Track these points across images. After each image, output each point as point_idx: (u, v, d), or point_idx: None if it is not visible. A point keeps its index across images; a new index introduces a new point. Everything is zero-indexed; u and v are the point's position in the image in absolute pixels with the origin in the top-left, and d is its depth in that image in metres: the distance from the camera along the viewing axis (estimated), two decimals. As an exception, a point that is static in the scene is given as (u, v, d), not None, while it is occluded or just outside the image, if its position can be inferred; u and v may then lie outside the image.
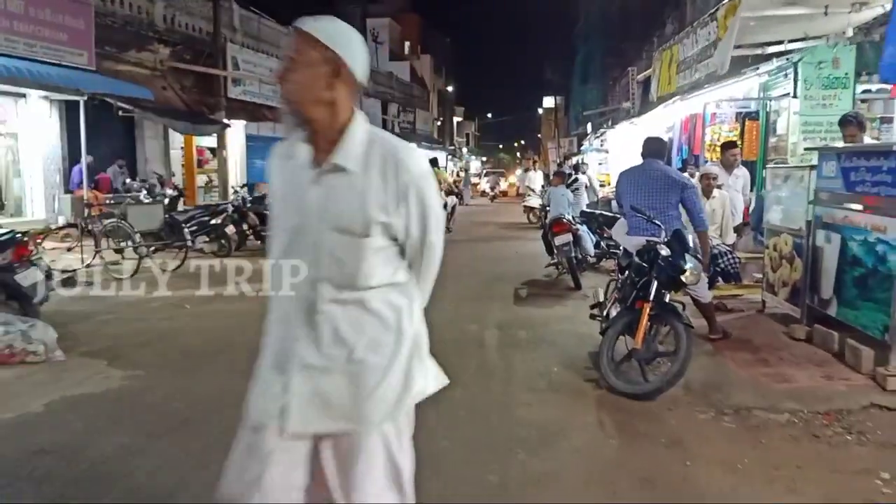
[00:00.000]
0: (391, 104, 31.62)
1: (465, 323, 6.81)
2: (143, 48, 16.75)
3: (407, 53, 46.22)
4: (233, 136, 19.97)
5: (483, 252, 12.93)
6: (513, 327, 6.66)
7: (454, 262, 11.27)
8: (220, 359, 5.44)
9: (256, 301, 7.69)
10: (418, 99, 39.61)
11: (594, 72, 39.80)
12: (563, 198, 9.28)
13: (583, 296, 8.38)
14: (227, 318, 6.84)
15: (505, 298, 8.22)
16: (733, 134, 11.70)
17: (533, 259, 11.61)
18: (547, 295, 8.47)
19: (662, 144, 5.89)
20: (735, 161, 7.95)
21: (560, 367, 5.35)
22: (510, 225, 19.42)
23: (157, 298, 7.77)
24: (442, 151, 38.69)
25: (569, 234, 8.70)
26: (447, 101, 51.90)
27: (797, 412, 4.36)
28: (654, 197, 5.31)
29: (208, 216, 11.21)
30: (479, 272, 10.18)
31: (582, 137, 37.70)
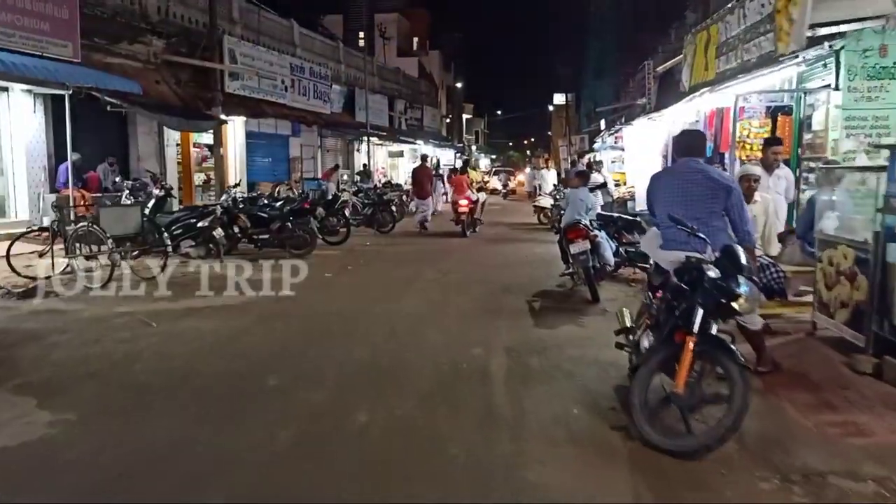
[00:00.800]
0: (398, 100, 30.72)
1: (469, 345, 5.89)
2: (136, 40, 15.93)
3: (415, 49, 45.30)
4: (232, 132, 19.16)
5: (493, 256, 12.00)
6: (523, 352, 5.73)
7: (462, 269, 10.35)
8: (175, 397, 4.55)
9: (235, 316, 6.83)
10: (426, 95, 38.68)
11: (606, 68, 38.74)
12: (581, 202, 8.34)
13: (601, 310, 7.46)
14: (196, 340, 5.96)
15: (515, 314, 7.30)
16: (764, 130, 10.71)
17: (546, 265, 10.67)
18: (561, 309, 7.54)
19: (701, 139, 4.92)
20: (777, 160, 6.98)
21: (581, 408, 4.42)
22: (521, 226, 18.46)
23: (124, 313, 6.90)
24: (450, 149, 37.76)
25: (586, 242, 7.76)
26: (456, 98, 50.94)
27: (884, 480, 3.42)
28: (694, 204, 4.36)
29: (195, 218, 10.36)
30: (488, 280, 9.26)
31: (594, 135, 36.64)
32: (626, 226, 9.71)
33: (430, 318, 6.96)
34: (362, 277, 9.58)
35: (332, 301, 7.82)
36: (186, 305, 7.35)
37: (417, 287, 8.77)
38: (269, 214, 11.27)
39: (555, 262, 10.71)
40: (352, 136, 25.53)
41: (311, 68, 21.62)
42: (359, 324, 6.66)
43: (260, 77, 18.42)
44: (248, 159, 19.91)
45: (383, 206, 15.67)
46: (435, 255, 12.13)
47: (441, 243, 14.14)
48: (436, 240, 14.81)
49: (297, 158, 22.58)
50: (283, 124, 21.51)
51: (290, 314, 7.04)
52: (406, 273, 9.93)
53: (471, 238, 15.10)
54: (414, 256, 11.94)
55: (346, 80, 26.29)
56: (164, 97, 15.99)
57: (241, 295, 7.95)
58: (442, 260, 11.32)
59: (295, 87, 20.54)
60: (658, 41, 23.15)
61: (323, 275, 9.62)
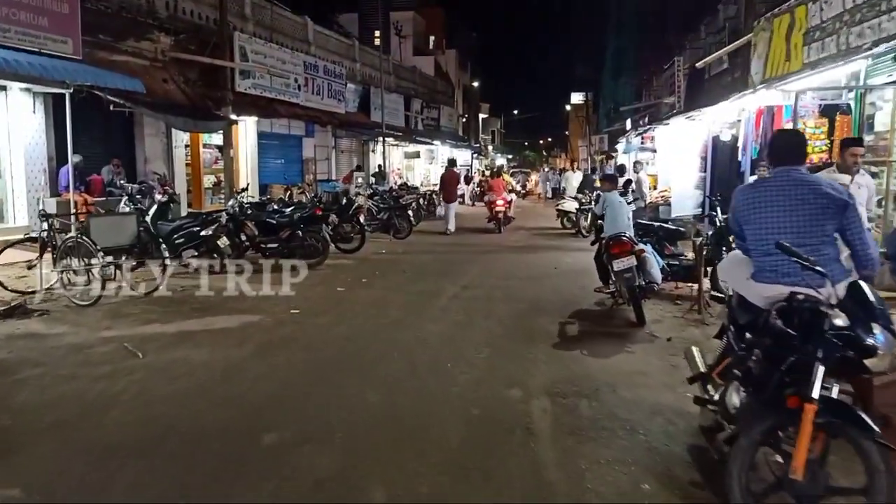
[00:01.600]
0: (414, 99, 29.82)
1: (503, 385, 4.98)
2: (143, 37, 15.17)
3: (431, 48, 44.40)
4: (243, 133, 18.40)
5: (518, 267, 11.06)
6: (569, 394, 4.81)
7: (485, 282, 9.42)
8: (149, 463, 3.67)
9: (233, 344, 5.95)
10: (443, 95, 37.76)
11: (627, 66, 37.65)
12: (623, 207, 7.40)
13: (649, 336, 6.52)
14: (184, 377, 5.09)
15: (551, 340, 6.37)
16: (821, 130, 9.70)
17: (577, 277, 9.73)
18: (603, 334, 6.60)
19: (800, 143, 3.90)
20: (857, 164, 6.00)
21: (653, 482, 3.50)
22: (543, 231, 17.49)
23: (109, 339, 6.07)
24: (467, 149, 36.82)
25: (632, 258, 6.81)
26: (472, 98, 49.98)
27: None
28: (802, 226, 3.40)
29: (198, 226, 9.53)
30: (515, 297, 8.33)
31: (616, 135, 35.56)
32: (668, 236, 8.74)
33: (455, 346, 6.05)
34: (377, 292, 8.69)
35: (344, 323, 6.93)
36: (180, 328, 6.50)
37: (438, 305, 7.86)
38: (277, 221, 10.42)
39: (587, 273, 9.78)
40: (367, 136, 24.68)
41: (325, 66, 20.78)
42: (373, 355, 5.76)
43: (272, 75, 17.60)
44: (259, 161, 19.12)
45: (399, 211, 14.80)
46: (455, 265, 11.22)
47: (460, 250, 13.25)
48: (455, 247, 13.91)
49: (311, 160, 21.76)
50: (297, 125, 20.70)
51: (295, 341, 6.16)
52: (425, 287, 9.03)
53: (495, 243, 14.20)
54: (433, 267, 11.04)
55: (361, 79, 25.45)
56: (171, 96, 15.22)
57: (242, 315, 7.09)
58: (463, 271, 10.40)
59: (308, 86, 19.71)
60: (685, 38, 22.10)
61: (335, 289, 8.76)
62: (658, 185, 14.05)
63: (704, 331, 6.74)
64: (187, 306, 7.53)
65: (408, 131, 28.05)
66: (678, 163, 12.44)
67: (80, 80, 11.15)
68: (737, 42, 11.73)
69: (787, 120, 9.73)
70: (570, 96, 62.26)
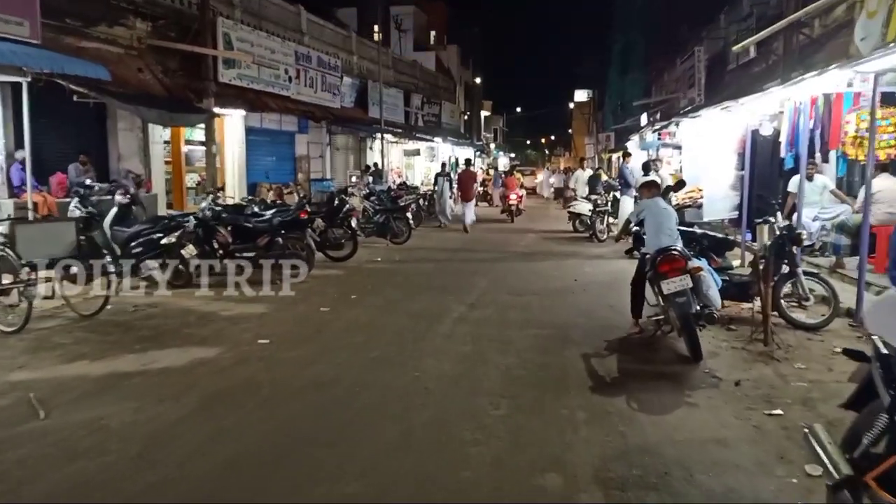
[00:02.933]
0: (414, 95, 28.33)
1: (532, 467, 3.53)
2: (116, 22, 13.74)
3: (433, 43, 42.94)
4: (230, 128, 16.97)
5: (531, 278, 9.60)
6: (628, 481, 3.36)
7: (496, 298, 7.94)
8: None
9: (170, 396, 4.44)
10: (444, 90, 36.27)
11: (635, 62, 36.17)
12: (668, 214, 5.95)
13: (710, 377, 5.08)
14: (90, 453, 3.63)
15: (586, 384, 4.92)
16: (889, 122, 8.27)
17: (602, 292, 8.29)
18: (652, 375, 5.16)
19: None
20: None
21: None
22: (554, 234, 16.04)
23: (15, 385, 4.63)
24: (469, 147, 35.37)
25: (685, 278, 5.35)
26: (475, 95, 48.46)
27: None
28: None
29: (159, 232, 8.09)
30: (534, 320, 6.88)
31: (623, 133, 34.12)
32: (715, 245, 7.27)
33: (463, 396, 4.62)
34: (368, 313, 7.24)
35: (322, 360, 5.47)
36: (112, 368, 5.06)
37: (440, 332, 6.42)
38: (254, 226, 8.98)
39: (613, 287, 8.37)
40: (364, 133, 23.23)
41: (318, 57, 19.32)
42: (354, 414, 4.31)
43: (259, 66, 16.15)
44: (248, 158, 17.67)
45: (398, 213, 13.35)
46: (460, 276, 9.77)
47: (465, 257, 11.80)
48: (459, 253, 12.46)
49: (304, 157, 20.31)
50: (289, 120, 19.25)
51: (255, 389, 4.70)
52: (425, 306, 7.58)
53: (503, 249, 12.75)
54: (434, 279, 9.59)
55: (358, 73, 23.98)
56: (146, 87, 13.77)
57: (196, 347, 5.66)
58: (469, 284, 8.94)
59: (300, 78, 18.25)
60: (703, 29, 20.67)
61: (317, 309, 7.31)
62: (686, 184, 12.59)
63: (777, 369, 5.31)
64: (133, 334, 6.09)
65: (407, 128, 26.59)
66: (710, 160, 11.00)
67: (36, 67, 9.72)
68: (781, 22, 10.25)
69: (850, 110, 8.30)
70: (574, 94, 60.75)
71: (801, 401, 4.63)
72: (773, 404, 4.53)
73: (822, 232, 9.68)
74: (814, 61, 10.50)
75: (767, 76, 13.62)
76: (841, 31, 10.53)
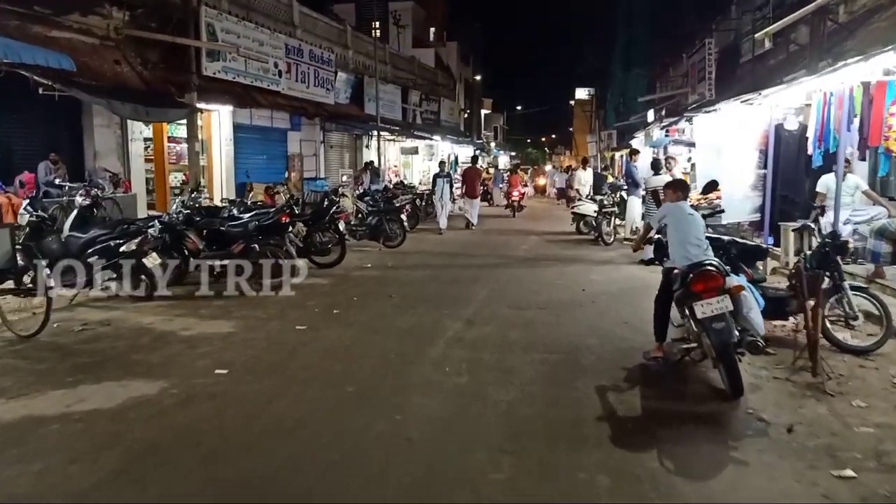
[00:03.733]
0: (412, 91, 27.35)
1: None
2: (91, 11, 12.80)
3: (432, 40, 41.97)
4: (217, 124, 16.05)
5: (534, 288, 8.66)
6: None
7: (496, 314, 6.99)
8: None
9: (94, 449, 3.39)
10: (443, 87, 35.28)
11: (638, 57, 35.23)
12: (695, 221, 5.03)
13: (755, 420, 4.17)
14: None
15: (605, 432, 3.99)
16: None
17: (614, 306, 7.36)
18: (685, 418, 4.22)
19: None
20: None
21: None
22: (557, 237, 15.10)
23: None
24: (469, 145, 34.43)
25: (725, 300, 4.42)
26: (475, 92, 47.50)
27: None
28: None
29: (118, 239, 7.16)
30: (540, 343, 5.94)
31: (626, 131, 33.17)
32: (744, 254, 6.32)
33: (455, 450, 3.69)
34: (350, 332, 6.31)
35: (288, 396, 4.54)
36: (27, 411, 4.13)
37: (431, 356, 5.49)
38: (228, 231, 8.06)
39: (625, 298, 7.48)
40: (360, 130, 22.29)
41: (311, 51, 18.35)
42: (316, 478, 3.38)
43: (247, 58, 15.20)
44: (237, 156, 16.73)
45: (392, 214, 12.42)
46: (456, 286, 8.84)
47: (463, 263, 10.88)
48: (456, 258, 11.53)
49: (297, 156, 19.37)
50: (281, 116, 18.31)
51: (194, 443, 3.73)
52: (415, 322, 6.65)
53: (503, 254, 11.82)
54: (429, 288, 8.66)
55: (354, 68, 23.03)
56: (123, 80, 12.84)
57: (139, 380, 4.73)
58: (466, 295, 8.01)
59: (291, 73, 17.29)
60: (712, 21, 19.73)
61: (293, 327, 6.37)
62: (697, 186, 11.66)
63: (833, 407, 4.40)
64: (70, 361, 5.16)
65: (405, 125, 25.64)
66: (728, 158, 10.07)
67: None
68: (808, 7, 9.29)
69: (894, 101, 7.35)
70: (575, 92, 59.72)
71: (874, 454, 3.72)
72: (840, 461, 3.61)
73: (854, 237, 8.75)
74: (843, 49, 9.57)
75: (787, 67, 12.69)
76: (871, 16, 9.59)
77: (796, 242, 9.40)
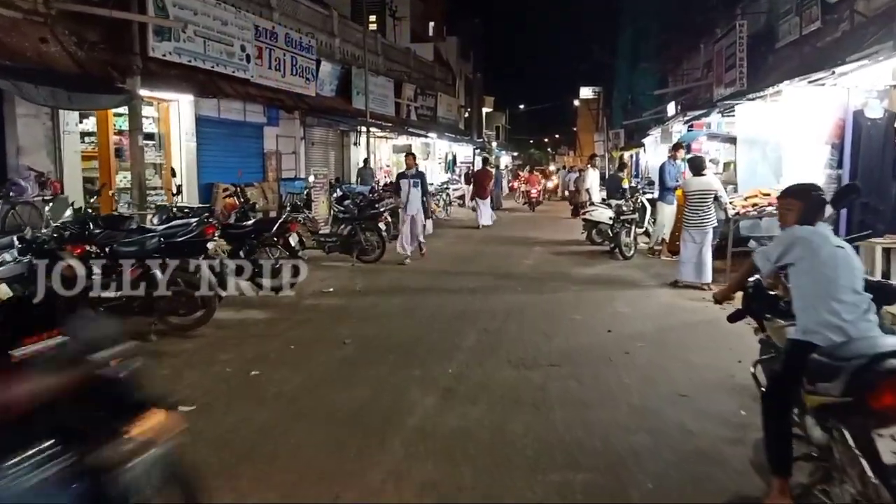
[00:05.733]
0: (406, 85, 25.03)
1: None
2: (12, -21, 10.55)
3: (431, 35, 39.68)
4: (175, 116, 13.80)
5: (542, 330, 6.32)
6: None
7: (488, 380, 4.53)
8: None
9: None
10: (441, 82, 32.94)
11: (646, 52, 32.89)
12: (849, 260, 2.75)
13: None
14: None
15: None
16: None
17: (659, 361, 5.06)
18: None
19: None
20: None
21: None
22: (566, 248, 12.81)
23: None
24: (469, 144, 32.15)
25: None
26: (475, 89, 45.19)
27: None
28: None
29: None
30: (552, 443, 3.63)
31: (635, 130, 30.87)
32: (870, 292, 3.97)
33: None
34: (256, 419, 4.02)
35: None
36: None
37: (373, 478, 3.22)
38: (118, 250, 5.78)
39: (675, 345, 5.18)
40: (347, 125, 20.02)
41: (287, 35, 16.06)
42: None
43: (206, 39, 12.93)
44: (201, 154, 14.46)
45: (367, 223, 10.13)
46: (437, 322, 6.54)
47: (452, 283, 8.56)
48: (443, 277, 9.23)
49: (274, 153, 17.11)
50: (256, 109, 16.06)
51: None
52: (366, 398, 4.34)
53: (505, 272, 9.51)
54: (398, 328, 6.35)
55: (341, 58, 20.76)
56: (51, 61, 10.57)
57: None
58: (448, 343, 5.72)
59: (263, 59, 15.00)
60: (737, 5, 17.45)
61: (175, 407, 4.10)
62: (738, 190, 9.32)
63: None
64: None
65: (398, 121, 23.35)
66: (789, 155, 7.83)
67: None
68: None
69: None
70: (580, 91, 57.44)
71: None
72: None
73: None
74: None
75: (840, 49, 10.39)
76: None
77: (884, 264, 7.17)
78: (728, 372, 4.73)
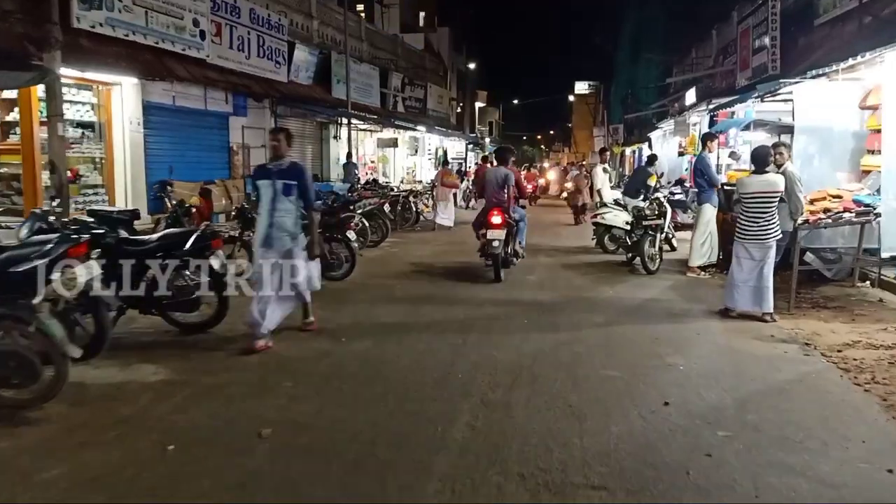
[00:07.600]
0: (393, 74, 22.90)
1: None
2: None
3: (422, 25, 37.51)
4: (118, 102, 11.68)
5: (560, 401, 4.26)
6: None
7: None
8: None
9: None
10: (432, 73, 30.83)
11: (650, 42, 30.93)
12: None
13: None
14: None
15: None
16: None
17: (757, 463, 2.97)
18: None
19: None
20: None
21: None
22: (575, 255, 10.78)
23: None
24: (461, 139, 30.07)
25: None
26: (468, 84, 43.06)
27: None
28: None
29: None
30: None
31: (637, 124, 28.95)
32: None
33: None
34: None
35: None
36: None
37: None
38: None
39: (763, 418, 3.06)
40: (325, 117, 17.92)
41: (252, 11, 13.94)
42: None
43: (148, 10, 10.80)
44: (149, 147, 12.33)
45: (331, 231, 8.01)
46: (414, 389, 4.47)
47: (433, 315, 6.46)
48: (424, 305, 7.15)
49: (240, 147, 15.00)
50: (218, 96, 13.95)
51: None
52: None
53: (502, 299, 7.44)
54: (355, 399, 4.29)
55: (320, 42, 18.66)
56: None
57: None
58: (430, 429, 3.68)
59: (222, 36, 12.91)
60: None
61: None
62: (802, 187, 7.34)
63: None
64: None
65: (383, 113, 21.24)
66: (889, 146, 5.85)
67: None
68: None
69: None
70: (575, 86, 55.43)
71: None
72: None
73: None
74: None
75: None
76: None
77: None
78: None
